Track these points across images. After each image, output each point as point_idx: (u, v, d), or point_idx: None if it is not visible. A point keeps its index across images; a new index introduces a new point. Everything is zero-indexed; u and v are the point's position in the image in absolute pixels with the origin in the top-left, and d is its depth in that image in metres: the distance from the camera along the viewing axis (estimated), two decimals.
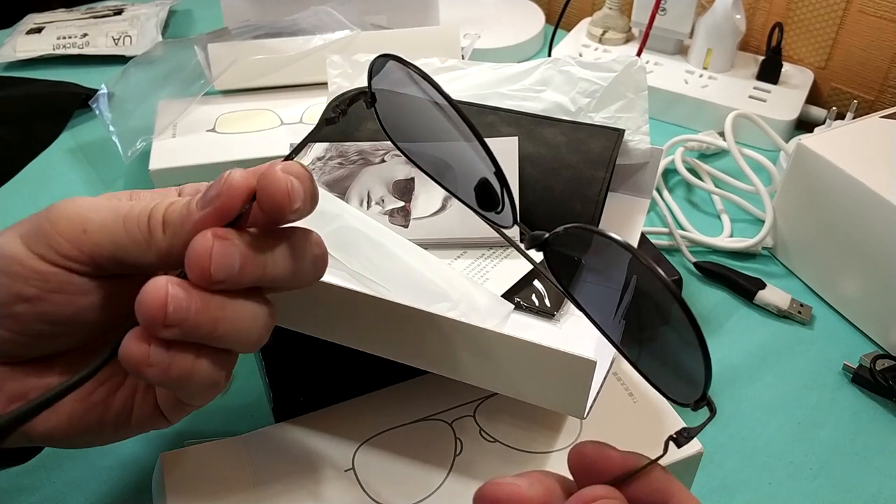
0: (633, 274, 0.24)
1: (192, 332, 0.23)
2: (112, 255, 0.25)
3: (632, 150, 0.47)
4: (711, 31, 0.71)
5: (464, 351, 0.32)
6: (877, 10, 0.66)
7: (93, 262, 0.25)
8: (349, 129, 0.47)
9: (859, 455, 0.42)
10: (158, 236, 0.25)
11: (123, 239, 0.25)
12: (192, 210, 0.25)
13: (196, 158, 0.57)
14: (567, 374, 0.31)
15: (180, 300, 0.23)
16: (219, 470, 0.34)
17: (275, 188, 0.24)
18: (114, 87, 0.66)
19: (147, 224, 0.25)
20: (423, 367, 0.33)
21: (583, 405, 0.31)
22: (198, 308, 0.23)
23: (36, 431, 0.27)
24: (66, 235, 0.25)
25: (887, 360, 0.46)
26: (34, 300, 0.25)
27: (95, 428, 0.28)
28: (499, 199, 0.29)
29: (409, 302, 0.31)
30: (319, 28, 0.67)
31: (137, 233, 0.25)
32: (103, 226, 0.25)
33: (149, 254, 0.25)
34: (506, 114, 0.47)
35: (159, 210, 0.25)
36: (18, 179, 0.63)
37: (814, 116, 0.70)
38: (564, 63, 0.50)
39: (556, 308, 0.39)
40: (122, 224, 0.25)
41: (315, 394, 0.37)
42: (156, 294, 0.22)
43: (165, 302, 0.22)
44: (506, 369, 0.32)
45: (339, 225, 0.38)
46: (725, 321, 0.51)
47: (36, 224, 0.25)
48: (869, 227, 0.47)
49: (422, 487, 0.34)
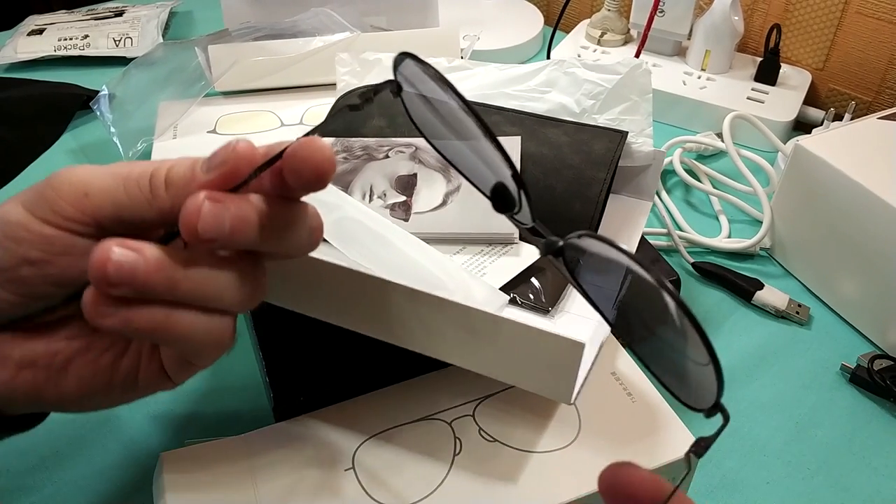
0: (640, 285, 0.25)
1: (144, 291, 0.24)
2: (114, 215, 0.26)
3: (635, 153, 0.48)
4: (710, 33, 0.71)
5: (454, 332, 0.32)
6: (874, 12, 0.66)
7: (96, 223, 0.26)
8: (355, 124, 0.48)
9: (857, 455, 0.43)
10: (161, 195, 0.26)
11: (124, 199, 0.26)
12: (197, 173, 0.26)
13: None
14: (555, 356, 0.31)
15: (122, 262, 0.24)
16: (219, 470, 0.34)
17: (320, 156, 0.25)
18: (115, 89, 0.66)
19: (148, 184, 0.26)
20: (412, 347, 0.33)
21: (570, 390, 0.31)
22: (147, 270, 0.24)
23: (48, 396, 0.28)
24: (68, 199, 0.26)
25: (885, 360, 0.46)
26: (40, 263, 0.26)
27: (104, 390, 0.29)
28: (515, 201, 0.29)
29: (406, 283, 0.32)
30: (319, 30, 0.67)
31: (138, 192, 0.26)
32: (103, 188, 0.26)
33: (150, 212, 0.26)
34: (510, 114, 0.48)
35: (161, 170, 0.26)
36: (20, 180, 0.63)
37: (812, 117, 0.70)
38: (570, 65, 0.51)
39: (551, 304, 0.40)
40: (122, 185, 0.26)
41: (315, 393, 0.37)
42: (99, 256, 0.24)
43: (105, 264, 0.24)
44: (494, 351, 0.32)
45: (340, 215, 0.38)
46: (724, 321, 0.51)
47: (37, 191, 0.26)
48: (866, 227, 0.47)
49: (421, 487, 0.34)
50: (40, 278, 0.26)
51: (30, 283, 0.26)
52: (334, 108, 0.50)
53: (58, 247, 0.26)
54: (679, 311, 0.23)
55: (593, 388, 0.38)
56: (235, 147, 0.25)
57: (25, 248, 0.26)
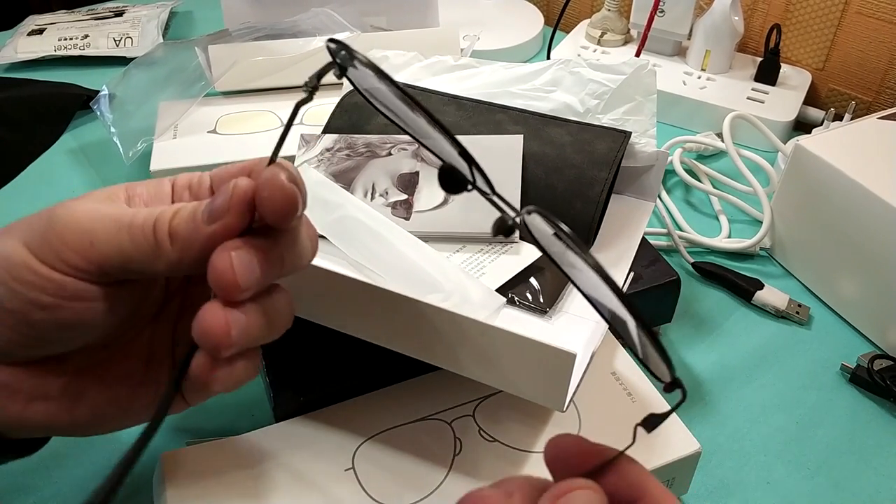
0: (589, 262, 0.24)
1: (247, 344, 0.25)
2: (121, 265, 0.26)
3: (638, 153, 0.48)
4: (710, 33, 0.71)
5: (448, 339, 0.32)
6: (874, 12, 0.66)
7: (101, 272, 0.26)
8: (360, 122, 0.48)
9: (857, 455, 0.43)
10: (167, 248, 0.25)
11: (131, 250, 0.25)
12: (199, 223, 0.25)
13: (197, 159, 0.57)
14: (547, 365, 0.31)
15: (240, 323, 0.25)
16: (219, 470, 0.34)
17: (280, 198, 0.24)
18: (115, 89, 0.66)
19: (153, 235, 0.25)
20: (407, 353, 0.34)
21: (562, 398, 0.32)
22: (249, 324, 0.25)
23: (60, 425, 0.28)
24: (74, 248, 0.25)
25: (885, 360, 0.46)
26: (51, 308, 0.25)
27: (119, 417, 0.29)
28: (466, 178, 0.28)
29: (401, 290, 0.32)
30: (319, 30, 0.67)
31: (144, 244, 0.25)
32: (109, 238, 0.25)
33: (158, 264, 0.26)
34: (514, 112, 0.48)
35: (164, 221, 0.26)
36: (19, 180, 0.63)
37: (812, 117, 0.70)
38: (575, 64, 0.51)
39: (549, 304, 0.40)
40: (126, 235, 0.25)
41: (315, 394, 0.37)
42: (215, 321, 0.24)
43: (230, 329, 0.24)
44: (486, 359, 0.32)
45: (341, 214, 0.38)
46: (724, 321, 0.51)
47: (39, 233, 0.26)
48: (866, 227, 0.47)
49: (421, 487, 0.34)
50: (52, 323, 0.26)
51: (41, 326, 0.26)
52: (339, 105, 0.50)
53: (69, 292, 0.25)
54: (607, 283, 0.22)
55: (593, 388, 0.38)
56: (234, 192, 0.25)
57: (36, 292, 0.25)
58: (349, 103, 0.50)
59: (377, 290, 0.32)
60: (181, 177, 0.30)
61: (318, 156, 0.46)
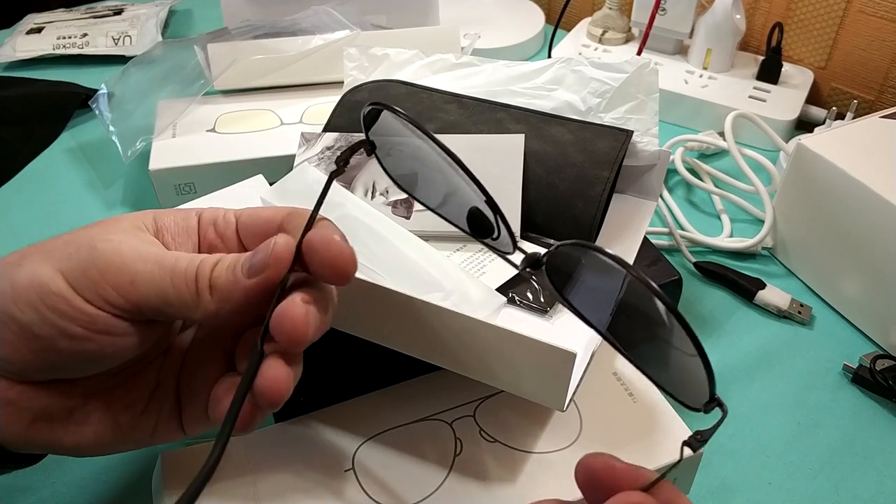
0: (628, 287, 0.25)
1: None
2: (158, 307, 0.26)
3: (640, 152, 0.47)
4: (711, 31, 0.71)
5: (449, 339, 0.32)
6: (877, 10, 0.66)
7: (137, 311, 0.26)
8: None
9: (859, 455, 0.42)
10: (206, 298, 0.26)
11: (171, 296, 0.26)
12: (239, 277, 0.26)
13: (196, 158, 0.57)
14: (547, 365, 0.31)
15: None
16: (219, 470, 0.34)
17: (342, 262, 0.26)
18: (114, 87, 0.66)
19: (195, 284, 0.26)
20: (407, 352, 0.34)
21: (563, 397, 0.31)
22: None
23: (63, 445, 0.28)
24: (114, 286, 0.26)
25: (887, 361, 0.46)
26: (79, 339, 0.26)
27: (118, 443, 0.29)
28: (493, 226, 0.30)
29: (401, 289, 0.32)
30: (319, 28, 0.67)
31: (185, 292, 0.26)
32: (151, 281, 0.26)
33: (196, 312, 0.26)
34: (515, 111, 0.48)
35: (205, 271, 0.26)
36: (18, 179, 0.63)
37: (814, 116, 0.70)
38: (577, 63, 0.50)
39: (549, 304, 0.39)
40: (169, 281, 0.26)
41: (315, 394, 0.37)
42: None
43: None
44: (486, 358, 0.32)
45: (341, 213, 0.38)
46: (725, 321, 0.51)
47: (80, 267, 0.26)
48: (869, 227, 0.47)
49: (422, 487, 0.34)
50: (77, 354, 0.26)
51: (65, 354, 0.26)
52: (340, 104, 0.50)
53: (100, 326, 0.26)
54: (665, 309, 0.23)
55: (594, 388, 0.38)
56: (274, 251, 0.26)
57: (67, 322, 0.25)
58: (350, 101, 0.50)
59: (377, 289, 0.32)
60: (206, 211, 0.30)
61: (319, 154, 0.46)
